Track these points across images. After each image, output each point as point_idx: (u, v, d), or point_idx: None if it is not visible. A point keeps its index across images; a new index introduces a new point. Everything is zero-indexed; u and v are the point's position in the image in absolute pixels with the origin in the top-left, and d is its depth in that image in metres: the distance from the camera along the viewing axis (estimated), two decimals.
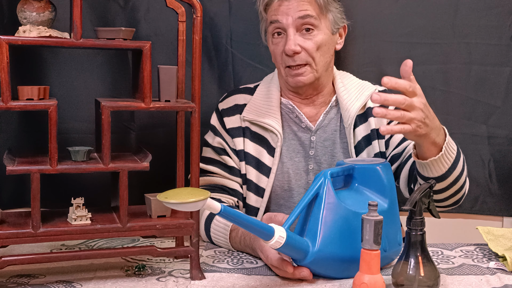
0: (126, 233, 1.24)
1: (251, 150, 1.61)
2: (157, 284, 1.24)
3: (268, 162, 1.60)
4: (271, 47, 1.59)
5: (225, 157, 1.62)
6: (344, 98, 1.61)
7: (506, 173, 1.93)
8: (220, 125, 1.64)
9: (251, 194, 1.61)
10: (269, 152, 1.60)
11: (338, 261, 1.25)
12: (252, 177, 1.61)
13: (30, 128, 1.77)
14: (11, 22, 1.65)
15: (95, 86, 1.80)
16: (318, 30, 1.54)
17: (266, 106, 1.62)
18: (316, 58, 1.54)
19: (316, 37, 1.53)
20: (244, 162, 1.61)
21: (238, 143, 1.61)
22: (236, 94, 1.67)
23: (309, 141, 1.62)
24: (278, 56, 1.57)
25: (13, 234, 1.18)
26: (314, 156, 1.62)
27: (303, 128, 1.62)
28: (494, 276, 1.31)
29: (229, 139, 1.62)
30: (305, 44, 1.53)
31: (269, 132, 1.60)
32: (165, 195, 1.07)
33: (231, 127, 1.62)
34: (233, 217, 1.12)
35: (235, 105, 1.64)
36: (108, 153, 1.21)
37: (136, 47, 1.23)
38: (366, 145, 1.60)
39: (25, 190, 1.77)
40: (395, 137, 1.61)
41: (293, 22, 1.52)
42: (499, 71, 1.90)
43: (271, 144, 1.60)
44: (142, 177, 1.63)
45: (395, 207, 1.35)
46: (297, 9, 1.52)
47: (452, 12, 1.88)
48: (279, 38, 1.56)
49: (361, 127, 1.61)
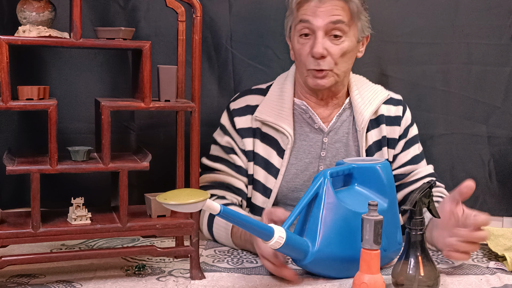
0: (126, 233, 1.24)
1: (260, 151, 1.61)
2: (157, 284, 1.24)
3: (277, 164, 1.60)
4: (296, 46, 1.56)
5: (233, 156, 1.62)
6: (358, 102, 1.61)
7: (506, 173, 1.93)
8: (230, 124, 1.63)
9: (258, 194, 1.61)
10: (279, 154, 1.60)
11: (338, 261, 1.25)
12: (260, 178, 1.61)
13: (30, 128, 1.77)
14: (11, 22, 1.64)
15: (95, 86, 1.80)
16: (346, 37, 1.52)
17: (279, 107, 1.61)
18: (339, 64, 1.53)
19: (343, 43, 1.52)
20: (253, 162, 1.61)
21: (248, 143, 1.61)
22: (248, 95, 1.66)
23: (321, 143, 1.62)
24: (303, 57, 1.54)
25: (13, 234, 1.18)
26: (325, 157, 1.61)
27: (315, 129, 1.62)
28: (494, 276, 1.31)
29: (239, 139, 1.62)
30: (332, 49, 1.51)
31: (280, 133, 1.60)
32: (165, 196, 1.07)
33: (241, 127, 1.62)
34: (233, 218, 1.12)
35: (247, 105, 1.63)
36: (108, 153, 1.21)
37: (136, 47, 1.23)
38: (377, 150, 1.62)
39: (25, 190, 1.77)
40: (402, 156, 1.64)
41: (324, 26, 1.50)
42: (499, 71, 1.90)
43: (281, 146, 1.60)
44: (142, 177, 1.63)
45: (395, 207, 1.35)
46: (330, 13, 1.50)
47: (452, 12, 1.88)
48: (306, 39, 1.54)
49: (373, 131, 1.62)
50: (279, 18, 1.75)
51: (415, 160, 1.66)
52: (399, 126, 1.64)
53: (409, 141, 1.66)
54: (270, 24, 1.85)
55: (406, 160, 1.65)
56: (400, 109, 1.66)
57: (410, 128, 1.67)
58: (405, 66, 1.89)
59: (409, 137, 1.66)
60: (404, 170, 1.64)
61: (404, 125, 1.65)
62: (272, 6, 1.84)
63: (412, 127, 1.68)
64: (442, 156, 1.93)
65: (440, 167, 1.91)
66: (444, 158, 1.93)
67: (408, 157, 1.65)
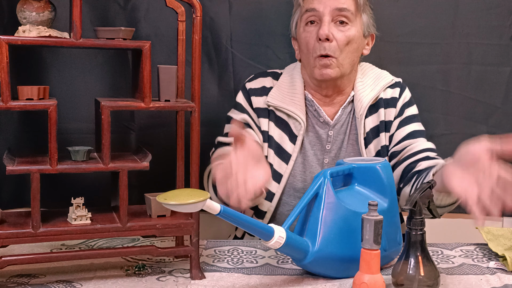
0: (126, 232, 1.24)
1: (274, 134, 1.61)
2: (157, 284, 1.24)
3: (289, 149, 1.60)
4: (303, 34, 1.57)
5: (249, 130, 1.61)
6: (359, 89, 1.61)
7: None
8: (247, 102, 1.63)
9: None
10: (291, 139, 1.60)
11: (338, 260, 1.25)
12: (273, 161, 1.61)
13: (30, 128, 1.77)
14: (11, 22, 1.65)
15: (95, 86, 1.80)
16: (352, 25, 1.55)
17: (291, 94, 1.61)
18: (344, 53, 1.54)
19: (349, 31, 1.54)
20: (267, 144, 1.61)
21: (264, 123, 1.61)
22: (264, 76, 1.67)
23: (327, 135, 1.62)
24: (310, 44, 1.55)
25: (13, 234, 1.18)
26: (330, 150, 1.62)
27: (321, 122, 1.62)
28: (494, 276, 1.31)
29: (255, 116, 1.62)
30: (338, 35, 1.53)
31: (292, 119, 1.60)
32: (165, 196, 1.07)
33: (258, 107, 1.62)
34: (233, 217, 1.12)
35: (263, 86, 1.64)
36: (108, 153, 1.21)
37: (136, 47, 1.23)
38: (374, 137, 1.61)
39: (25, 190, 1.77)
40: (397, 133, 1.61)
41: (329, 12, 1.53)
42: (499, 71, 1.90)
43: (294, 131, 1.60)
44: (142, 177, 1.63)
45: (395, 207, 1.35)
46: (336, 0, 1.53)
47: (452, 12, 1.88)
48: (312, 26, 1.56)
49: (370, 118, 1.61)
50: (279, 18, 1.76)
51: (413, 135, 1.61)
52: (394, 108, 1.62)
53: (405, 120, 1.62)
54: (270, 24, 1.85)
55: (402, 136, 1.61)
56: (397, 91, 1.63)
57: (406, 108, 1.63)
58: (405, 66, 1.89)
59: (405, 116, 1.62)
60: (401, 145, 1.60)
61: (400, 104, 1.62)
62: (272, 6, 1.84)
63: (409, 107, 1.64)
64: (442, 156, 1.92)
65: None
66: (444, 158, 1.93)
67: (404, 133, 1.61)
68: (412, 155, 1.58)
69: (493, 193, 1.13)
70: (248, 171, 1.16)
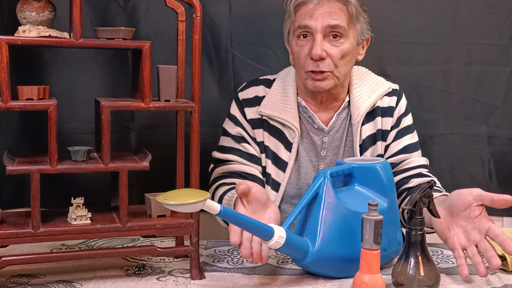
0: (126, 233, 1.24)
1: (269, 144, 1.61)
2: (157, 284, 1.24)
3: (285, 157, 1.60)
4: (295, 48, 1.55)
5: (245, 145, 1.61)
6: (356, 96, 1.60)
7: (506, 173, 1.93)
8: (241, 115, 1.63)
9: (268, 188, 1.61)
10: (286, 147, 1.60)
11: (338, 260, 1.25)
12: (271, 171, 1.61)
13: (30, 128, 1.77)
14: (11, 22, 1.65)
15: (95, 86, 1.80)
16: (345, 39, 1.51)
17: (283, 102, 1.60)
18: (339, 66, 1.52)
19: (343, 45, 1.51)
20: (264, 155, 1.61)
21: (258, 134, 1.61)
22: (256, 85, 1.65)
23: (321, 142, 1.61)
24: (302, 59, 1.53)
25: (13, 234, 1.18)
26: (325, 157, 1.61)
27: (315, 128, 1.61)
28: (494, 276, 1.31)
29: (250, 129, 1.61)
30: (331, 51, 1.50)
31: (286, 127, 1.60)
32: (165, 196, 1.07)
33: (252, 118, 1.62)
34: (233, 218, 1.12)
35: (256, 96, 1.63)
36: (108, 153, 1.21)
37: (136, 47, 1.23)
38: (371, 144, 1.60)
39: (25, 190, 1.77)
40: (393, 145, 1.62)
41: (322, 28, 1.48)
42: (499, 71, 1.90)
43: (289, 139, 1.60)
44: (142, 177, 1.63)
45: (395, 207, 1.35)
46: (328, 16, 1.48)
47: (452, 12, 1.88)
48: (304, 40, 1.52)
49: (367, 125, 1.60)
50: (279, 18, 1.75)
51: (408, 149, 1.62)
52: (391, 117, 1.62)
53: (401, 131, 1.63)
54: (270, 24, 1.85)
55: (398, 150, 1.61)
56: (394, 100, 1.63)
57: (403, 118, 1.63)
58: (405, 66, 1.89)
59: (401, 127, 1.63)
60: (396, 159, 1.61)
61: (397, 115, 1.62)
62: (272, 6, 1.85)
63: (405, 117, 1.64)
64: (442, 156, 1.93)
65: (440, 167, 1.91)
66: (444, 158, 1.93)
67: (400, 146, 1.62)
68: (405, 170, 1.60)
69: (479, 249, 1.27)
70: (259, 219, 1.25)
